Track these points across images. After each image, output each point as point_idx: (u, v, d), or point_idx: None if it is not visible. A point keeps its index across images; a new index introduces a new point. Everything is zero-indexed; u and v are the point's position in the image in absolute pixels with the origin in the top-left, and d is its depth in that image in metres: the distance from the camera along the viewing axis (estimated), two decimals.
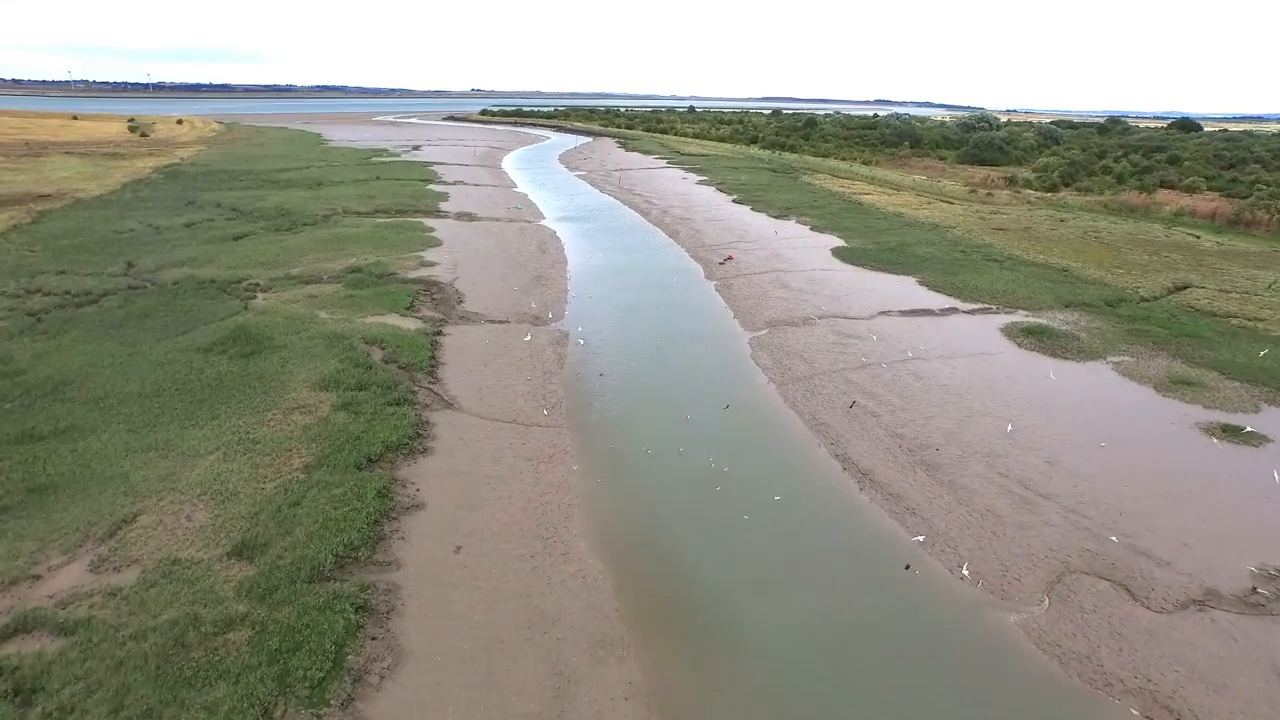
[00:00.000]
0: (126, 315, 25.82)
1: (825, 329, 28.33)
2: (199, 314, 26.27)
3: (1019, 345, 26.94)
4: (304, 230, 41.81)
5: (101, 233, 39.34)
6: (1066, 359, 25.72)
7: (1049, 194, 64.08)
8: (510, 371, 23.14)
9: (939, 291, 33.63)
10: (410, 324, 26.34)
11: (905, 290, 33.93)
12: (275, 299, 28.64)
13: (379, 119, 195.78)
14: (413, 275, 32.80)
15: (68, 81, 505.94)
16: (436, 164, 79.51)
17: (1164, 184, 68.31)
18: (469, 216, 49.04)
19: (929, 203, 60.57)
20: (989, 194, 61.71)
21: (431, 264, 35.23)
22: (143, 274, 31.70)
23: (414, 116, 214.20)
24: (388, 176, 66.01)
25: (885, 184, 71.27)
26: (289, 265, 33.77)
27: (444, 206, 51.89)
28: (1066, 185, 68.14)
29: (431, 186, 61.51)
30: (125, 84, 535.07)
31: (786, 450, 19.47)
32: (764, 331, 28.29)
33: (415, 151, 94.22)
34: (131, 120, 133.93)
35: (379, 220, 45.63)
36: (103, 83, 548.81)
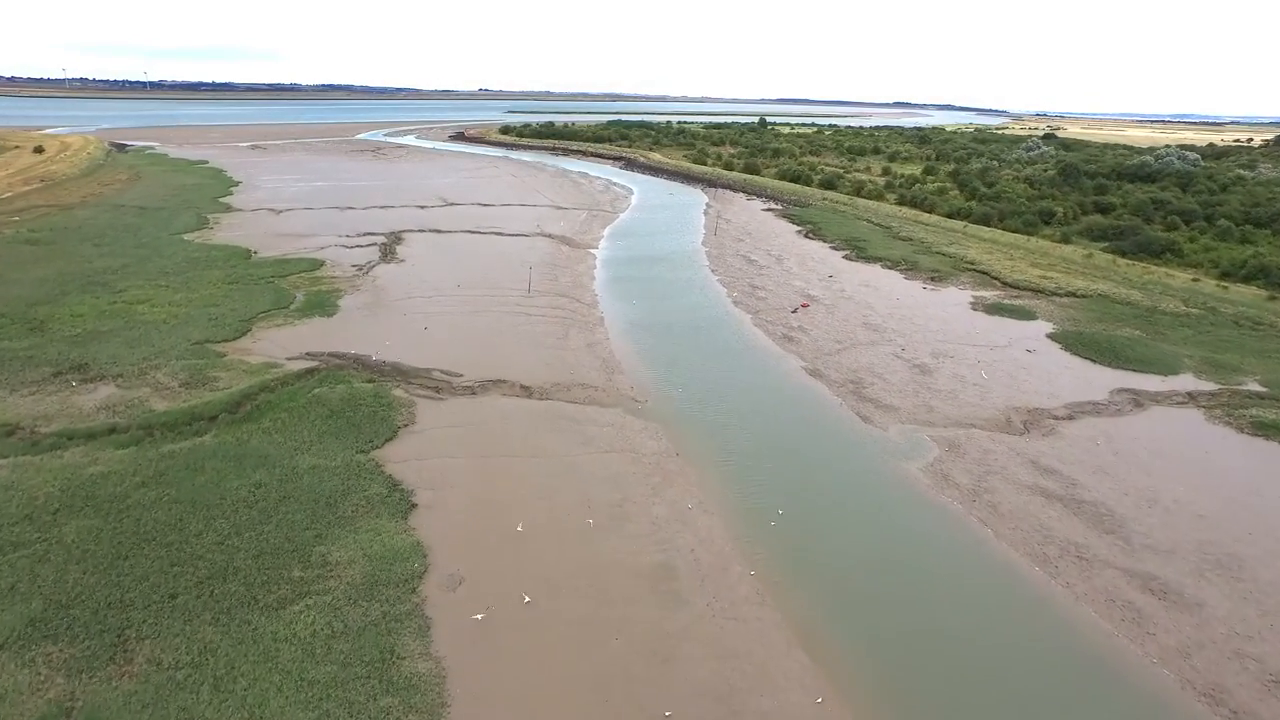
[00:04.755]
0: None
1: None
2: None
3: None
4: None
5: None
6: None
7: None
8: None
9: None
10: None
11: None
12: None
13: (359, 138, 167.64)
14: None
15: (62, 80, 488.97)
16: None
17: None
18: None
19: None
20: None
21: None
22: None
23: (412, 133, 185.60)
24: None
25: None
26: None
27: None
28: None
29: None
30: (124, 82, 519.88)
31: None
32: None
33: (380, 276, 49.02)
34: None
35: None
36: (100, 80, 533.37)
